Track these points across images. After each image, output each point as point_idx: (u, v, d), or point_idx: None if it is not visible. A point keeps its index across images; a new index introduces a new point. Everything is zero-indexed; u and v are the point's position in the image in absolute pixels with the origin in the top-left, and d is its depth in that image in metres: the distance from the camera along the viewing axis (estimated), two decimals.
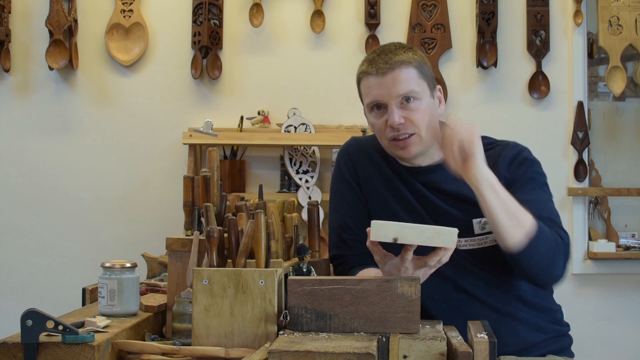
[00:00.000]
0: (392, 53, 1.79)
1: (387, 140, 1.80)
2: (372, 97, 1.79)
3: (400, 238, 1.48)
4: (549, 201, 1.82)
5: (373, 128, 1.84)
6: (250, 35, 3.33)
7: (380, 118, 1.79)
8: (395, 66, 1.76)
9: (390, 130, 1.77)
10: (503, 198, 1.63)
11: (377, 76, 1.77)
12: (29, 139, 3.33)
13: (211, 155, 1.82)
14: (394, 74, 1.76)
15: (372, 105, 1.80)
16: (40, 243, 3.31)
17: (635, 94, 3.48)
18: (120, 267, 1.62)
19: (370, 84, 1.79)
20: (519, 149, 1.87)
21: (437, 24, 3.30)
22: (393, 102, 1.76)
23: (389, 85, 1.76)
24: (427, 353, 1.38)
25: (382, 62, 1.77)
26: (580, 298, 3.27)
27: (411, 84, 1.76)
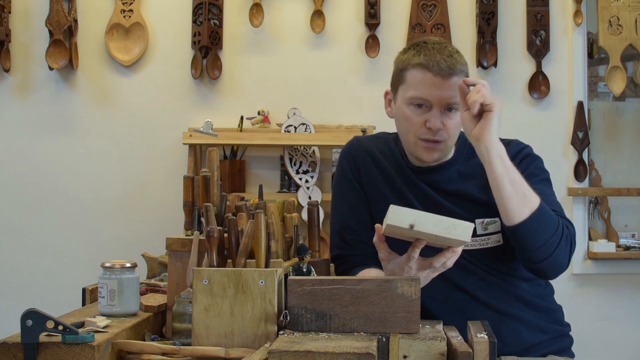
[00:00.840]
0: (454, 58, 1.75)
1: (415, 137, 1.77)
2: (421, 93, 1.74)
3: (417, 225, 1.46)
4: (552, 195, 1.82)
5: (404, 121, 1.79)
6: (250, 35, 3.33)
7: (419, 115, 1.76)
8: (455, 73, 1.74)
9: (426, 132, 1.75)
10: (510, 170, 1.64)
11: (436, 76, 1.73)
12: (29, 139, 3.33)
13: (211, 155, 1.82)
14: (452, 80, 1.73)
15: (415, 101, 1.76)
16: (40, 243, 3.31)
17: (635, 94, 3.48)
18: (120, 267, 1.62)
19: (423, 79, 1.74)
20: (522, 146, 1.88)
21: (437, 24, 3.30)
22: (440, 106, 1.74)
23: (445, 89, 1.73)
24: (427, 353, 1.38)
25: (444, 62, 1.73)
26: (580, 298, 3.26)
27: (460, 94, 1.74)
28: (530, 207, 1.64)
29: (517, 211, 1.63)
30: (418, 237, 1.52)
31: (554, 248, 1.67)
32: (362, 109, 3.28)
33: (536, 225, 1.64)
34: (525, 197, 1.64)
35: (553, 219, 1.68)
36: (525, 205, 1.63)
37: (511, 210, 1.64)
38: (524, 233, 1.65)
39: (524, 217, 1.63)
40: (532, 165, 1.84)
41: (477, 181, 1.81)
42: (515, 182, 1.64)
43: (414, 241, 1.54)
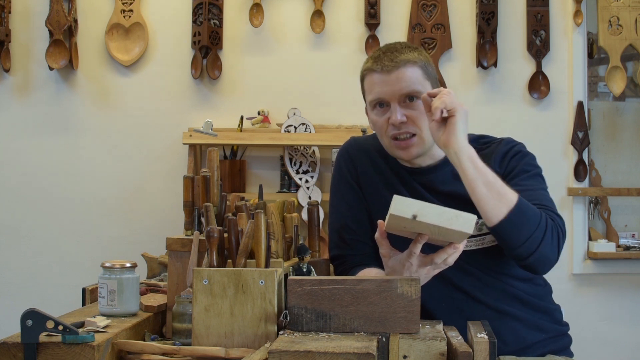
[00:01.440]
0: (398, 52, 1.79)
1: (388, 139, 1.80)
2: (376, 94, 1.78)
3: (420, 215, 1.46)
4: (542, 190, 1.81)
5: (374, 126, 1.84)
6: (250, 35, 3.33)
7: (382, 116, 1.79)
8: (400, 65, 1.76)
9: (392, 129, 1.77)
10: (482, 171, 1.63)
11: (381, 73, 1.77)
12: (29, 139, 3.33)
13: (211, 155, 1.82)
14: (399, 72, 1.76)
15: (374, 103, 1.80)
16: (41, 243, 3.31)
17: (635, 94, 3.48)
18: (120, 267, 1.62)
19: (374, 81, 1.79)
20: (512, 143, 1.88)
21: (437, 24, 3.30)
22: (396, 100, 1.76)
23: (393, 83, 1.76)
24: (427, 353, 1.38)
25: (387, 60, 1.77)
26: (580, 298, 3.27)
27: (415, 83, 1.76)
28: (508, 205, 1.63)
29: (495, 211, 1.63)
30: (420, 230, 1.51)
31: (539, 242, 1.65)
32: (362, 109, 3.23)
33: (516, 221, 1.63)
34: (501, 195, 1.63)
35: (534, 213, 1.67)
36: (502, 204, 1.63)
37: (489, 211, 1.63)
38: (505, 231, 1.65)
39: (502, 215, 1.63)
40: (522, 161, 1.83)
41: None
42: (489, 183, 1.63)
43: (416, 236, 1.54)
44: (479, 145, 1.87)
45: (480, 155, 1.78)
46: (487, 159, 1.79)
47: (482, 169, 1.64)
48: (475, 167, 1.63)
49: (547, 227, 1.67)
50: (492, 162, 1.80)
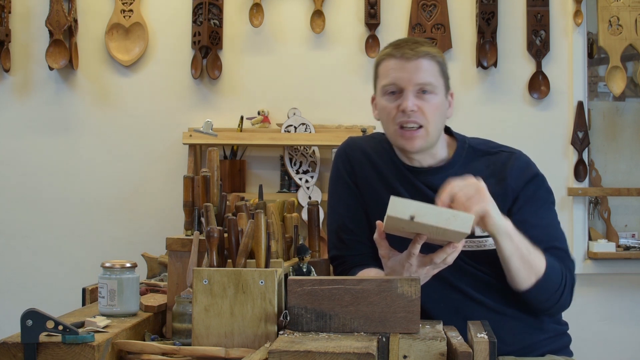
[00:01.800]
0: (420, 43, 1.80)
1: (394, 126, 1.80)
2: (391, 79, 1.78)
3: (418, 216, 1.46)
4: (557, 225, 1.86)
5: (382, 112, 1.83)
6: (250, 35, 3.33)
7: (393, 102, 1.79)
8: (421, 55, 1.77)
9: (401, 115, 1.77)
10: (518, 246, 1.67)
11: (400, 60, 1.78)
12: (29, 139, 3.33)
13: (211, 155, 1.82)
14: (419, 62, 1.77)
15: (387, 88, 1.80)
16: (40, 243, 3.31)
17: (635, 94, 3.48)
18: (120, 267, 1.62)
19: (391, 66, 1.79)
20: (526, 160, 1.89)
21: (437, 24, 3.30)
22: (410, 88, 1.77)
23: (411, 70, 1.76)
24: (427, 353, 1.38)
25: (408, 48, 1.78)
26: (580, 298, 3.24)
27: (431, 76, 1.78)
28: (537, 275, 1.71)
29: (525, 281, 1.71)
30: (418, 230, 1.52)
31: (558, 299, 1.76)
32: (362, 109, 3.28)
33: (541, 288, 1.72)
34: (532, 267, 1.70)
35: (557, 276, 1.74)
36: (532, 274, 1.70)
37: (519, 281, 1.72)
38: (530, 295, 1.74)
39: (530, 284, 1.71)
40: (540, 189, 1.85)
41: None
42: (523, 257, 1.68)
43: (414, 237, 1.54)
44: (488, 149, 1.89)
45: (490, 159, 1.83)
46: (500, 169, 1.83)
47: (518, 243, 1.68)
48: (512, 242, 1.67)
49: (567, 284, 1.76)
50: (508, 178, 1.82)
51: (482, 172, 1.81)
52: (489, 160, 1.86)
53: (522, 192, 1.81)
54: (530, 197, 1.81)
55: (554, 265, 1.74)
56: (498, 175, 1.82)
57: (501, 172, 1.82)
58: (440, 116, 1.81)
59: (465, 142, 1.90)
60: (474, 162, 1.85)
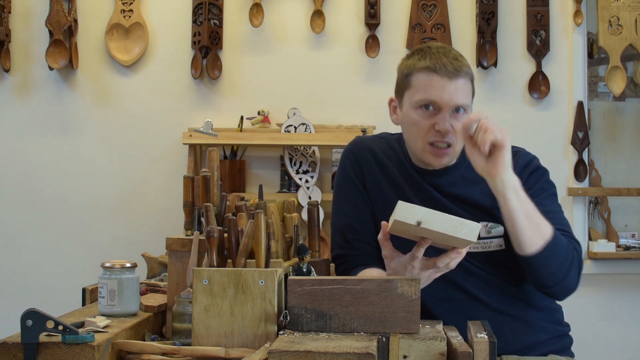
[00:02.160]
0: (458, 60, 1.76)
1: (424, 143, 1.77)
2: (430, 96, 1.74)
3: (424, 222, 1.46)
4: (560, 212, 1.84)
5: (412, 126, 1.79)
6: (250, 35, 3.33)
7: (427, 119, 1.75)
8: (461, 74, 1.75)
9: (434, 135, 1.75)
10: (524, 202, 1.64)
11: (442, 78, 1.73)
12: (29, 139, 3.33)
13: (211, 155, 1.82)
14: (459, 82, 1.74)
15: (422, 103, 1.76)
16: (40, 243, 3.31)
17: (635, 94, 3.48)
18: (120, 267, 1.62)
19: (431, 82, 1.74)
20: (530, 157, 1.89)
21: (437, 24, 3.30)
22: (448, 108, 1.74)
23: (452, 91, 1.73)
24: (427, 353, 1.38)
25: (450, 65, 1.74)
26: (580, 298, 3.23)
27: (467, 96, 1.77)
28: (544, 238, 1.65)
29: (530, 242, 1.65)
30: (424, 235, 1.52)
31: (565, 274, 1.70)
32: (362, 109, 3.28)
33: (549, 255, 1.66)
34: (539, 228, 1.65)
35: (564, 246, 1.70)
36: (539, 236, 1.65)
37: (524, 242, 1.65)
38: (536, 263, 1.67)
39: (537, 248, 1.65)
40: (541, 179, 1.85)
41: (480, 187, 1.79)
42: (530, 215, 1.64)
43: (419, 240, 1.54)
44: None
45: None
46: None
47: (524, 201, 1.64)
48: (518, 198, 1.63)
49: (573, 260, 1.71)
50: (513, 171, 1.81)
51: None
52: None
53: (525, 184, 1.79)
54: (531, 187, 1.81)
55: (561, 238, 1.70)
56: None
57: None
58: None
59: None
60: None
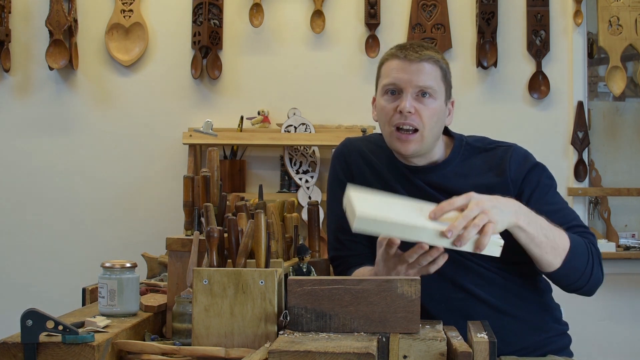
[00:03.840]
0: (424, 48, 1.81)
1: (390, 127, 1.80)
2: (392, 79, 1.78)
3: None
4: (567, 206, 1.85)
5: (380, 112, 1.83)
6: (250, 35, 3.33)
7: (392, 103, 1.79)
8: (424, 58, 1.78)
9: (398, 117, 1.77)
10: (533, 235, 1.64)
11: (403, 61, 1.78)
12: (29, 139, 3.33)
13: (211, 155, 1.82)
14: (421, 64, 1.77)
15: (387, 88, 1.80)
16: (40, 243, 3.31)
17: (635, 94, 3.48)
18: (120, 267, 1.62)
19: (393, 66, 1.79)
20: (524, 152, 1.88)
21: (437, 24, 3.30)
22: (410, 89, 1.77)
23: (412, 72, 1.77)
24: (427, 353, 1.38)
25: (413, 50, 1.79)
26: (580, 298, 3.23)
27: (432, 80, 1.78)
28: (562, 256, 1.68)
29: (549, 264, 1.69)
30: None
31: (590, 274, 1.74)
32: (362, 109, 3.28)
33: (570, 267, 1.70)
34: (555, 249, 1.68)
35: (583, 251, 1.72)
36: (557, 256, 1.68)
37: (543, 265, 1.70)
38: (560, 276, 1.72)
39: (556, 266, 1.69)
40: (543, 176, 1.85)
41: (472, 181, 1.81)
42: (541, 244, 1.65)
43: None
44: (485, 146, 1.89)
45: (487, 155, 1.83)
46: (497, 164, 1.83)
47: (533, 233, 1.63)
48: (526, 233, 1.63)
49: (593, 257, 1.74)
50: (508, 171, 1.81)
51: (480, 168, 1.83)
52: (486, 156, 1.87)
53: (525, 184, 1.81)
54: (535, 186, 1.81)
55: (578, 242, 1.72)
56: (497, 169, 1.83)
57: (500, 165, 1.82)
58: (438, 122, 1.81)
59: (463, 140, 1.90)
60: (472, 159, 1.86)
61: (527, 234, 1.63)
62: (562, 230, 1.70)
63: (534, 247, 1.65)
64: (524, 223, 1.63)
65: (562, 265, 1.68)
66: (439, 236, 1.48)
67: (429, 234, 1.49)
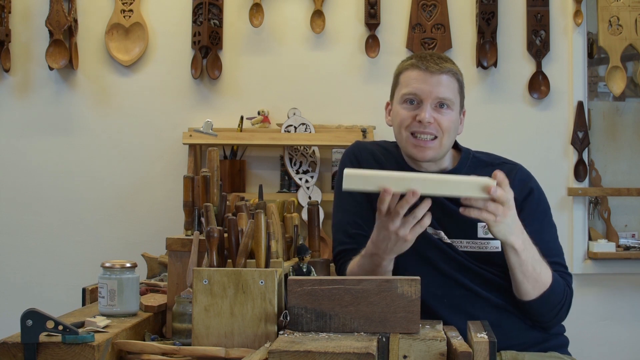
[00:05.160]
0: (444, 60, 1.88)
1: (407, 133, 1.85)
2: (412, 89, 1.84)
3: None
4: (557, 240, 1.91)
5: (396, 119, 1.88)
6: (250, 35, 3.33)
7: (410, 111, 1.85)
8: (444, 71, 1.85)
9: (417, 126, 1.83)
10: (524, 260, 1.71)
11: (425, 72, 1.84)
12: (29, 139, 3.33)
13: (211, 155, 1.82)
14: (442, 77, 1.84)
15: (407, 97, 1.85)
16: (40, 243, 3.31)
17: (635, 94, 3.48)
18: (120, 267, 1.62)
19: (414, 76, 1.85)
20: (527, 173, 1.95)
21: (437, 24, 3.30)
22: (430, 100, 1.83)
23: (433, 84, 1.83)
24: (427, 353, 1.38)
25: (433, 62, 1.85)
26: (580, 298, 3.26)
27: (451, 92, 1.85)
28: (541, 290, 1.75)
29: (526, 293, 1.76)
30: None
31: (556, 314, 1.81)
32: (362, 109, 3.28)
33: (543, 302, 1.77)
34: (537, 282, 1.75)
35: (560, 292, 1.79)
36: (536, 289, 1.75)
37: (521, 292, 1.76)
38: (530, 307, 1.78)
39: (530, 298, 1.76)
40: (540, 202, 1.91)
41: None
42: (527, 272, 1.73)
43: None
44: (492, 160, 1.96)
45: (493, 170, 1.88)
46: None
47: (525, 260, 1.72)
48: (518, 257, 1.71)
49: (566, 300, 1.81)
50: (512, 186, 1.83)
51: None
52: (492, 171, 1.89)
53: (525, 205, 1.86)
54: (533, 212, 1.87)
55: (558, 284, 1.79)
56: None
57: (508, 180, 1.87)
58: (454, 131, 1.88)
59: (470, 153, 1.97)
60: (478, 171, 1.91)
61: (518, 257, 1.70)
62: (549, 268, 1.77)
63: (520, 273, 1.72)
64: (520, 247, 1.70)
65: (536, 299, 1.75)
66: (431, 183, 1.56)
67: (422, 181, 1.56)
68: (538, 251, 1.76)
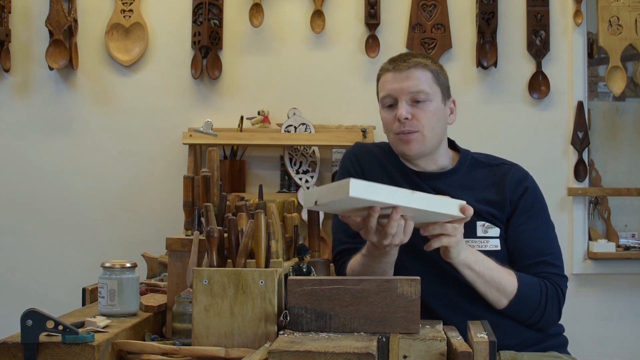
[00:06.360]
0: (412, 56, 1.91)
1: (393, 134, 1.89)
2: (386, 91, 1.89)
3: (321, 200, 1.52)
4: (551, 239, 1.91)
5: (383, 124, 1.93)
6: (250, 35, 3.33)
7: (391, 113, 1.89)
8: (411, 65, 1.87)
9: (398, 126, 1.86)
10: (480, 272, 1.74)
11: (393, 72, 1.88)
12: (29, 139, 3.32)
13: (211, 155, 1.82)
14: (409, 72, 1.87)
15: (385, 101, 1.90)
16: (40, 243, 3.31)
17: (635, 94, 3.48)
18: (120, 267, 1.62)
19: (387, 79, 1.90)
20: (524, 173, 1.96)
21: (437, 24, 3.30)
22: (404, 97, 1.86)
23: (402, 80, 1.86)
24: (427, 353, 1.38)
25: (401, 60, 1.89)
26: (580, 298, 3.26)
27: (423, 84, 1.87)
28: (509, 297, 1.77)
29: (495, 302, 1.78)
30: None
31: (541, 315, 1.81)
32: (362, 109, 3.28)
33: (517, 308, 1.78)
34: (500, 291, 1.77)
35: (535, 295, 1.79)
36: (503, 297, 1.77)
37: (491, 301, 1.78)
38: (509, 313, 1.80)
39: (503, 305, 1.78)
40: (536, 200, 1.92)
41: (475, 194, 1.88)
42: (487, 283, 1.76)
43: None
44: (490, 161, 1.98)
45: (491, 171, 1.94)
46: (499, 179, 1.91)
47: (480, 271, 1.74)
48: (472, 271, 1.74)
49: (548, 299, 1.81)
50: (506, 188, 1.90)
51: (484, 181, 1.92)
52: (490, 172, 1.95)
53: (519, 203, 1.88)
54: (527, 209, 1.88)
55: (529, 284, 1.79)
56: (498, 185, 1.90)
57: (501, 182, 1.90)
58: (438, 121, 1.89)
59: (468, 154, 1.99)
60: (477, 171, 1.95)
61: (473, 271, 1.73)
62: (511, 274, 1.78)
63: (480, 285, 1.75)
64: (471, 261, 1.72)
65: (510, 305, 1.77)
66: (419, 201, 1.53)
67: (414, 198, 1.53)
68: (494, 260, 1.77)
